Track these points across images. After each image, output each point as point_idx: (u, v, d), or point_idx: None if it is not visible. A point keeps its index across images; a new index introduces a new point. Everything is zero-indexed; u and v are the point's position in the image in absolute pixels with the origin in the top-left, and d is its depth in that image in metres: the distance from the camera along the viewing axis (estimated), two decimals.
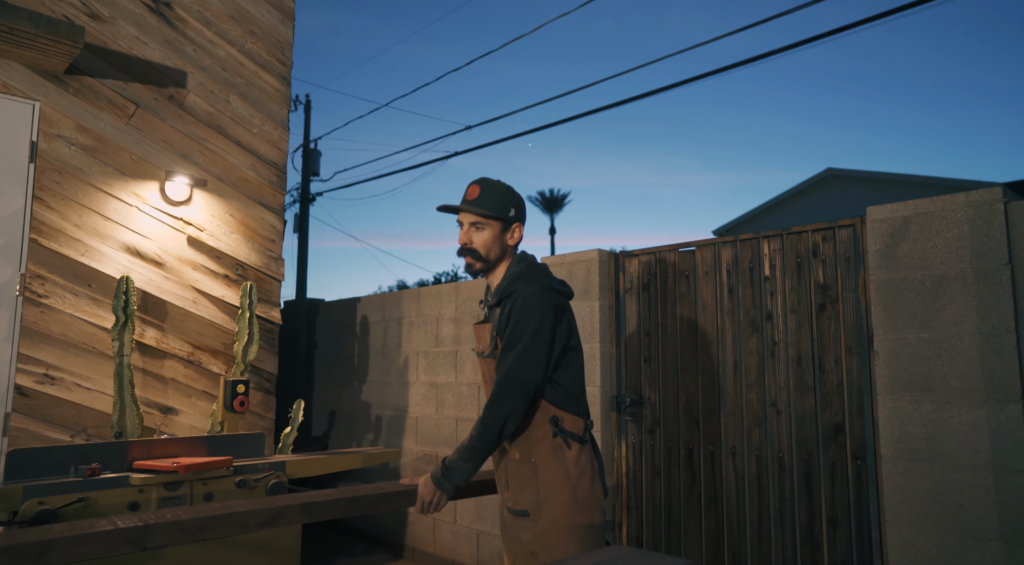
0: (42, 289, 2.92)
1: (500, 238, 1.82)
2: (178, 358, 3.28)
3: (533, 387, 1.68)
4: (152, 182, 3.25)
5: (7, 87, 2.86)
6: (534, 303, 1.71)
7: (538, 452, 1.73)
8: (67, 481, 2.36)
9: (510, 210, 1.84)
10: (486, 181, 1.87)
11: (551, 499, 1.70)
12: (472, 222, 1.83)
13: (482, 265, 1.83)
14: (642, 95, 6.74)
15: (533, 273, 1.80)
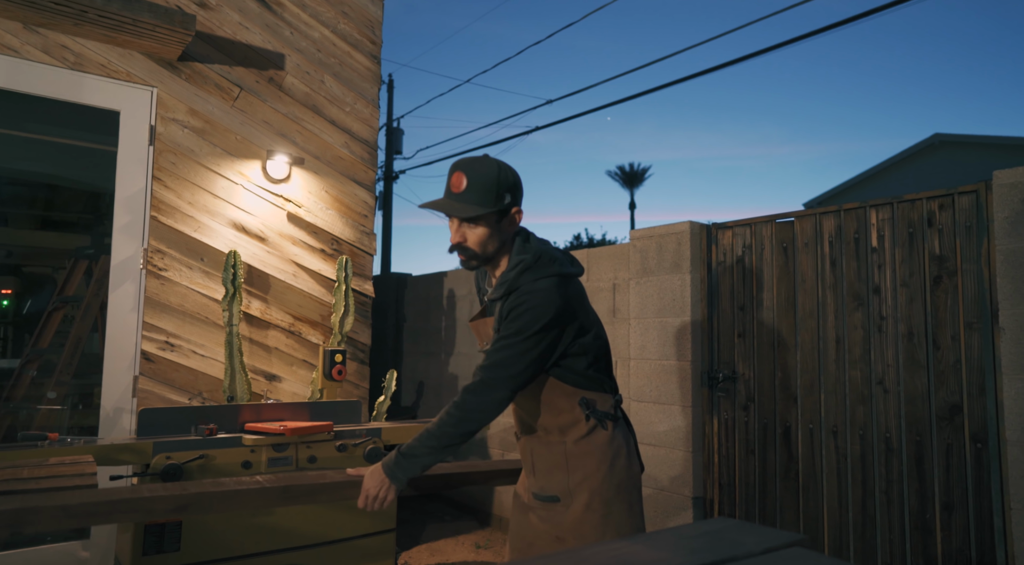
0: (162, 262, 3.15)
1: (497, 230, 1.60)
2: (280, 328, 3.47)
3: (523, 380, 1.53)
4: (255, 161, 3.42)
5: (130, 75, 3.06)
6: (543, 300, 1.52)
7: (570, 435, 1.60)
8: (190, 439, 2.56)
9: (504, 197, 1.58)
10: (471, 165, 1.58)
11: (584, 483, 1.57)
12: (463, 219, 1.59)
13: (478, 262, 1.64)
14: (725, 64, 6.47)
15: (542, 262, 1.58)
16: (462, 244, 1.61)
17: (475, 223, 1.58)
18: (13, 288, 4.49)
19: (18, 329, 4.55)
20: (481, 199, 1.55)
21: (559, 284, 1.55)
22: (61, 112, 3.21)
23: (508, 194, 1.59)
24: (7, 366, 4.27)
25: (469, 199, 1.55)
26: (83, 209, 4.78)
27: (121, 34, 2.88)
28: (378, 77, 3.85)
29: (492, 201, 1.56)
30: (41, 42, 2.88)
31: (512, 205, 1.60)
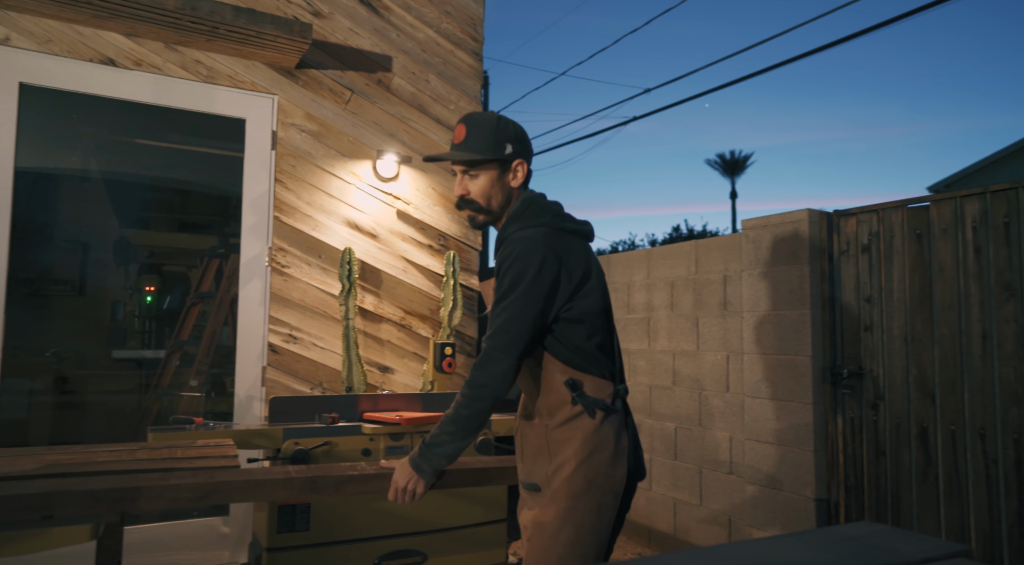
0: (284, 260, 3.34)
1: (500, 183, 1.56)
2: (392, 322, 3.60)
3: (524, 343, 1.44)
4: (366, 161, 3.56)
5: (254, 85, 3.27)
6: (528, 247, 1.45)
7: (555, 418, 1.49)
8: (315, 427, 2.71)
9: (505, 146, 1.55)
10: (472, 117, 1.59)
11: (558, 473, 1.46)
12: (464, 169, 1.58)
13: (485, 217, 1.59)
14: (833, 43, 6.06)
15: (531, 211, 1.53)
16: (465, 197, 1.58)
17: (476, 173, 1.56)
18: (155, 285, 4.92)
19: (159, 323, 4.99)
20: (480, 147, 1.53)
21: (547, 234, 1.48)
22: (193, 122, 3.48)
23: (509, 144, 1.55)
24: (153, 356, 4.70)
25: (469, 147, 1.55)
26: (212, 212, 5.18)
27: (246, 46, 3.08)
28: (480, 74, 3.90)
29: (491, 149, 1.53)
30: (179, 59, 3.12)
31: (515, 157, 1.56)
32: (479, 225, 1.62)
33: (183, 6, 2.74)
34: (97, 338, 4.80)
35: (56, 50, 2.90)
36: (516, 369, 1.46)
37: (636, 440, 1.56)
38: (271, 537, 2.55)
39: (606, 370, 1.51)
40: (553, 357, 1.50)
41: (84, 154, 4.26)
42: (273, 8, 3.32)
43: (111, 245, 4.94)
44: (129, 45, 3.03)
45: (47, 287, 4.74)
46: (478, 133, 1.55)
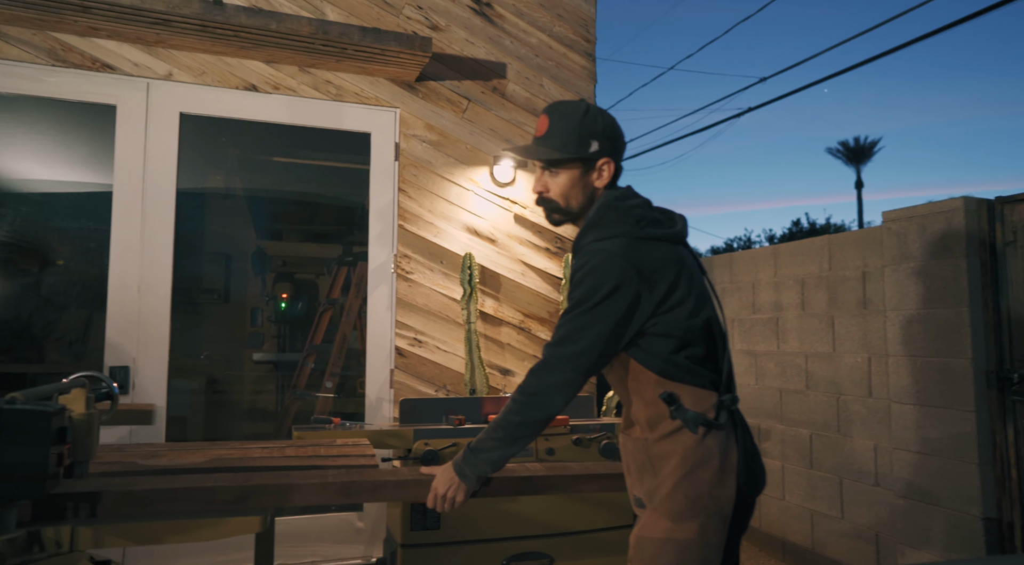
0: (408, 266, 3.47)
1: (582, 182, 1.44)
2: (512, 325, 3.64)
3: (592, 360, 1.35)
4: (483, 167, 3.63)
5: (378, 100, 3.43)
6: (603, 262, 1.33)
7: (654, 431, 1.39)
8: (443, 428, 2.80)
9: (590, 143, 1.42)
10: (556, 108, 1.46)
11: (659, 490, 1.37)
12: (545, 165, 1.47)
13: (562, 216, 1.49)
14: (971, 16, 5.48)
15: (608, 220, 1.39)
16: (543, 195, 1.48)
17: (556, 171, 1.44)
18: (288, 293, 5.27)
19: (292, 327, 5.35)
20: (562, 143, 1.42)
21: (627, 246, 1.35)
22: (323, 138, 3.69)
23: (595, 141, 1.42)
24: (287, 359, 5.03)
25: (550, 143, 1.43)
26: (338, 222, 5.48)
27: (371, 64, 3.23)
28: (593, 75, 3.87)
29: (573, 146, 1.41)
30: (311, 80, 3.33)
31: (601, 155, 1.43)
32: (555, 223, 1.53)
33: (316, 31, 2.91)
34: (239, 342, 5.20)
35: (208, 81, 3.17)
36: (577, 384, 1.37)
37: (749, 453, 1.42)
38: (405, 534, 2.65)
39: (707, 380, 1.39)
40: (644, 368, 1.40)
41: (229, 173, 4.63)
42: (393, 25, 3.47)
43: (249, 256, 5.35)
44: (269, 71, 3.26)
45: (197, 296, 5.20)
46: (562, 127, 1.43)
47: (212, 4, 2.79)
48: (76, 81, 3.02)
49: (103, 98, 3.06)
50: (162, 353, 3.12)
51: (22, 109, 3.38)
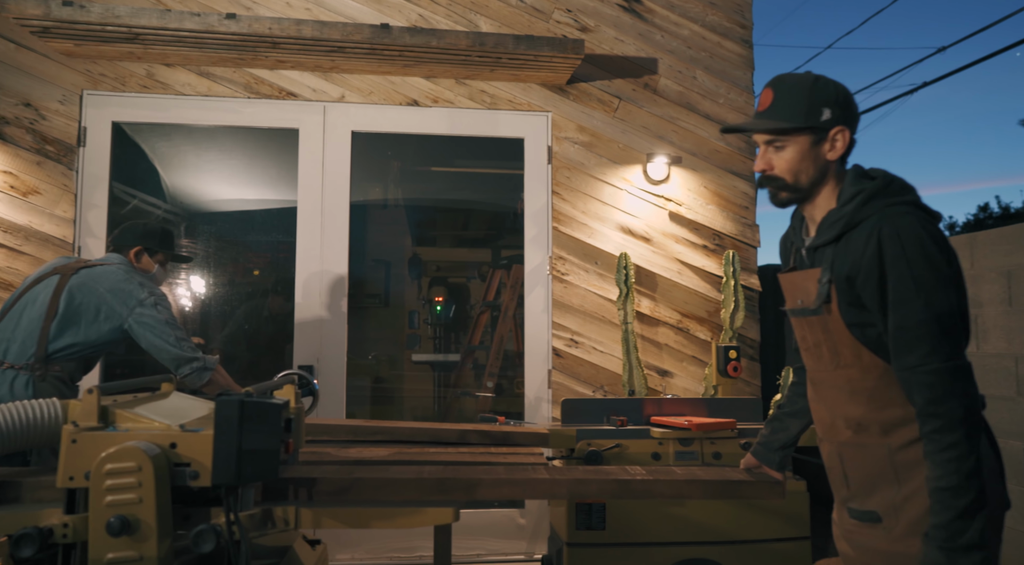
0: (563, 268, 3.51)
1: (812, 154, 1.32)
2: (669, 325, 3.56)
3: (965, 343, 1.19)
4: (636, 166, 3.58)
5: (530, 105, 3.51)
6: (924, 232, 1.19)
7: (896, 436, 1.25)
8: (605, 428, 2.79)
9: (822, 111, 1.29)
10: (781, 80, 1.34)
11: (911, 503, 1.22)
12: (767, 140, 1.34)
13: (789, 195, 1.35)
14: None
15: (893, 188, 1.26)
16: (767, 173, 1.35)
17: (783, 144, 1.32)
18: (442, 296, 5.52)
19: (446, 329, 5.59)
20: (789, 113, 1.30)
21: (931, 217, 1.24)
22: (476, 146, 3.84)
23: (827, 109, 1.30)
24: (443, 360, 5.27)
25: (775, 115, 1.32)
26: (489, 227, 5.66)
27: (524, 70, 3.31)
28: (750, 62, 3.69)
29: (803, 114, 1.29)
30: (467, 91, 3.47)
31: (834, 124, 1.30)
32: (781, 203, 1.38)
33: (473, 43, 3.03)
34: (399, 343, 5.53)
35: (375, 99, 3.41)
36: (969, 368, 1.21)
37: (1000, 461, 1.30)
38: (571, 533, 2.67)
39: None
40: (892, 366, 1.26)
41: (390, 184, 4.95)
42: (544, 31, 3.52)
43: (406, 262, 5.68)
44: (428, 86, 3.45)
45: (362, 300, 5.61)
46: (789, 97, 1.32)
47: (380, 28, 3.00)
48: (267, 109, 3.38)
49: (288, 123, 3.39)
50: (341, 353, 3.40)
51: (220, 139, 3.83)
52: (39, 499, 1.44)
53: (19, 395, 2.15)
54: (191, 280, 4.33)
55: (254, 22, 2.93)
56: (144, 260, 2.48)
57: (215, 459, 1.24)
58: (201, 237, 4.36)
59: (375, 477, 1.50)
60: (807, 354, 1.42)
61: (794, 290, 1.41)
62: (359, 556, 3.29)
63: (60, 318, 2.22)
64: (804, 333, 1.40)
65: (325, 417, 3.25)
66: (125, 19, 2.84)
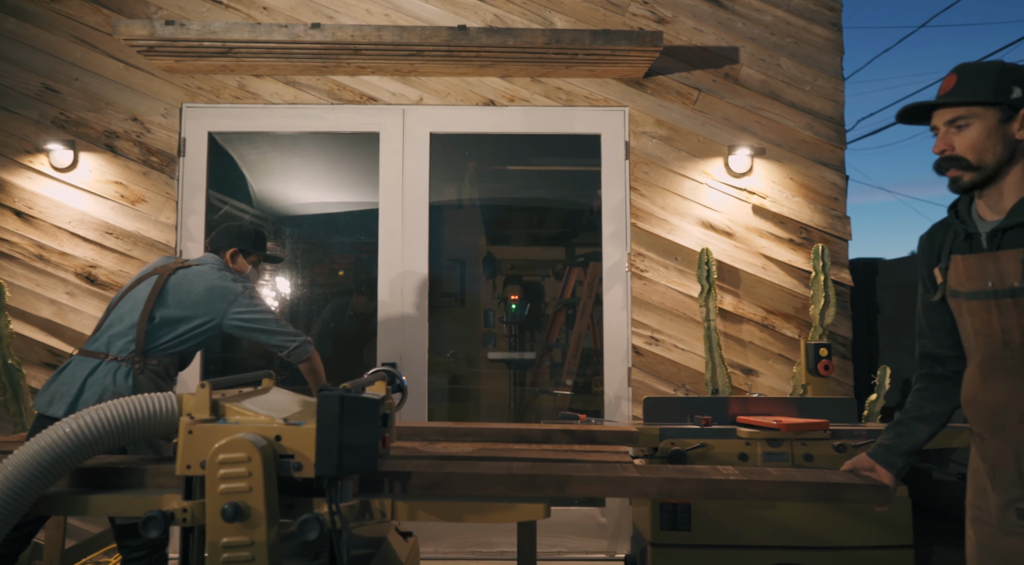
0: (642, 265, 3.46)
1: (999, 132, 1.29)
2: (753, 322, 3.45)
3: None
4: (716, 159, 3.49)
5: (607, 101, 3.47)
6: None
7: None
8: (689, 428, 2.73)
9: (1012, 89, 1.28)
10: (966, 65, 1.34)
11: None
12: (949, 120, 1.32)
13: (973, 176, 1.32)
14: None
15: None
16: (947, 154, 1.33)
17: (966, 122, 1.30)
18: (518, 294, 5.55)
19: (521, 328, 5.62)
20: (974, 91, 1.29)
21: None
22: (551, 144, 3.83)
23: (1018, 87, 1.28)
24: (518, 358, 5.30)
25: (959, 94, 1.31)
26: (563, 225, 5.65)
27: (600, 66, 3.28)
28: (839, 46, 3.52)
29: (990, 91, 1.28)
30: (543, 89, 3.48)
31: None
32: (963, 188, 1.37)
33: (549, 41, 3.03)
34: (474, 342, 5.60)
35: (452, 101, 3.47)
36: None
37: None
38: (655, 533, 2.63)
39: None
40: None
41: (466, 184, 5.02)
42: (620, 24, 3.48)
43: (480, 261, 5.74)
44: (504, 85, 3.47)
45: (438, 299, 5.71)
46: (974, 77, 1.33)
47: (457, 30, 3.04)
48: (349, 115, 3.49)
49: (369, 127, 3.50)
50: (422, 351, 3.47)
51: (303, 145, 3.99)
52: (158, 485, 1.54)
53: (120, 386, 2.27)
54: (278, 281, 4.53)
55: (337, 30, 3.03)
56: (239, 261, 2.59)
57: (318, 451, 1.29)
58: (287, 240, 4.55)
59: (466, 472, 1.53)
60: (986, 340, 1.37)
61: (982, 273, 1.36)
62: (442, 549, 3.35)
63: (157, 315, 2.34)
64: (989, 317, 1.35)
65: (407, 413, 3.33)
66: (220, 34, 3.00)
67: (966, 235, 1.42)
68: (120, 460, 1.73)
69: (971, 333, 1.41)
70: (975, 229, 1.40)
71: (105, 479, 1.55)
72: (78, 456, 1.40)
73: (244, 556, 1.30)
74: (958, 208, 1.48)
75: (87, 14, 3.45)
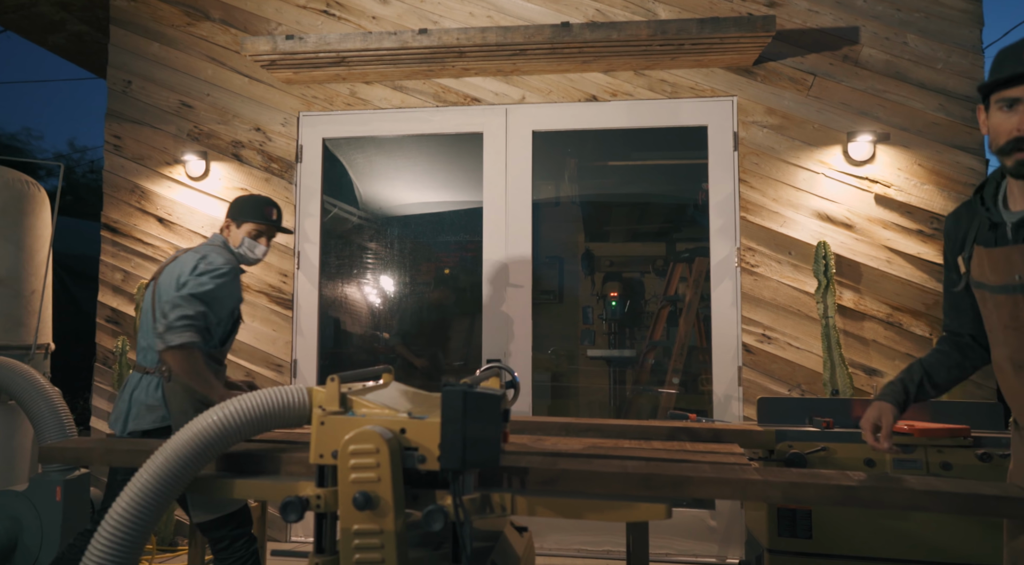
0: (753, 259, 3.32)
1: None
2: (877, 319, 3.23)
3: None
4: (834, 147, 3.29)
5: (713, 91, 3.36)
6: None
7: None
8: (809, 430, 2.60)
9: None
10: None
11: None
12: None
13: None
14: None
15: None
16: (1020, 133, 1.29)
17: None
18: (617, 291, 5.48)
19: (620, 325, 5.54)
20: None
21: None
22: (654, 138, 3.75)
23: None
24: (618, 355, 5.23)
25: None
26: (664, 220, 5.53)
27: (707, 55, 3.17)
28: (979, 17, 3.22)
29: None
30: (646, 82, 3.41)
31: None
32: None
33: (654, 33, 2.97)
34: (573, 339, 5.58)
35: (554, 98, 3.47)
36: None
37: None
38: (772, 539, 2.52)
39: None
40: None
41: (566, 181, 5.01)
42: (727, 11, 3.35)
43: (578, 258, 5.71)
44: (606, 80, 3.44)
45: (537, 297, 5.75)
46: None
47: (560, 27, 3.04)
48: (453, 116, 3.57)
49: (473, 128, 3.56)
50: (526, 347, 3.50)
51: (407, 147, 4.12)
52: (291, 472, 1.64)
53: (151, 399, 2.21)
54: (382, 279, 4.72)
55: (443, 34, 3.11)
56: (233, 233, 2.38)
57: (442, 445, 1.33)
58: (395, 240, 4.73)
59: (580, 469, 1.53)
60: (1015, 334, 1.39)
61: (1008, 266, 1.38)
62: (547, 546, 3.37)
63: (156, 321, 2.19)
64: (1017, 312, 1.38)
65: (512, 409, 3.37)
66: (334, 45, 3.16)
67: (991, 224, 1.41)
68: (255, 448, 1.86)
69: (998, 325, 1.42)
70: (1000, 219, 1.39)
71: (246, 465, 1.66)
72: (224, 443, 1.51)
73: (374, 543, 1.36)
74: (983, 193, 1.46)
75: (217, 34, 3.73)
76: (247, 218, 2.37)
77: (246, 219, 2.37)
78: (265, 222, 2.39)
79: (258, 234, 2.39)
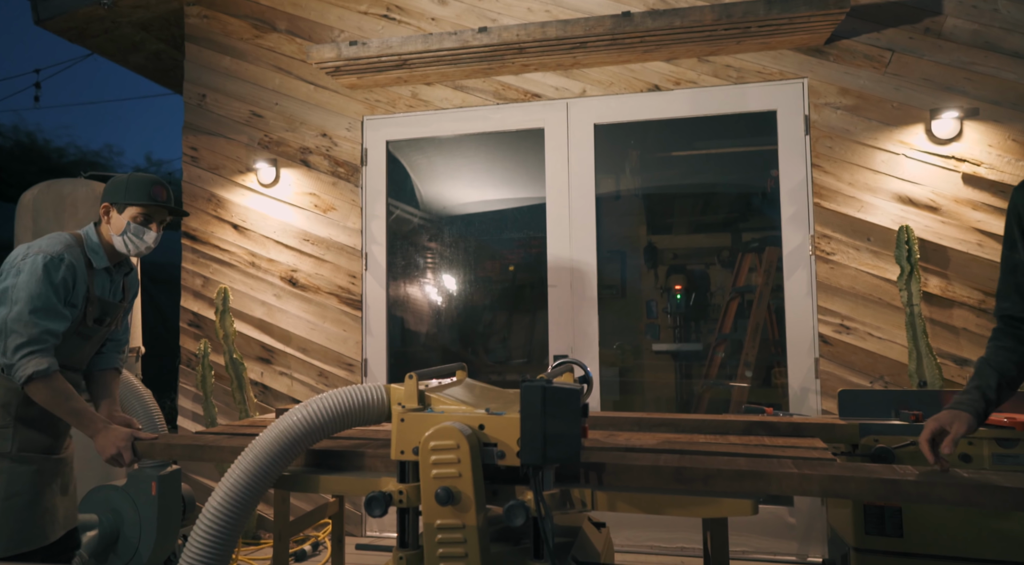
0: (828, 247, 3.19)
1: None
2: (967, 306, 3.05)
3: None
4: (916, 125, 3.12)
5: (782, 74, 3.24)
6: None
7: None
8: (895, 424, 2.48)
9: None
10: None
11: None
12: None
13: None
14: None
15: None
16: None
17: None
18: (682, 284, 5.37)
19: (686, 318, 5.42)
20: None
21: None
22: (720, 125, 3.64)
23: None
24: (685, 349, 5.12)
25: None
26: (729, 210, 5.37)
27: (775, 37, 3.06)
28: None
29: None
30: (711, 69, 3.32)
31: None
32: None
33: (719, 17, 2.89)
34: (638, 333, 5.50)
35: (615, 90, 3.42)
36: None
37: None
38: (858, 537, 2.42)
39: None
40: None
41: (628, 173, 4.94)
42: None
43: (641, 251, 5.62)
44: (668, 68, 3.36)
45: (600, 291, 5.70)
46: None
47: (621, 17, 2.99)
48: (513, 113, 3.57)
49: (534, 123, 3.55)
50: (593, 342, 3.47)
51: (466, 146, 4.14)
52: (373, 468, 1.68)
53: None
54: (445, 278, 4.77)
55: (503, 31, 3.11)
56: (114, 218, 2.00)
57: (522, 440, 1.33)
58: (458, 239, 4.77)
59: (662, 465, 1.50)
60: None
61: None
62: (619, 542, 3.34)
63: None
64: None
65: None
66: (396, 48, 3.21)
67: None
68: (336, 446, 1.91)
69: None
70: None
71: (330, 461, 1.71)
72: (309, 439, 1.56)
73: (456, 537, 1.37)
74: None
75: (284, 44, 3.85)
76: (131, 199, 1.97)
77: (130, 201, 1.97)
78: (154, 203, 1.98)
79: (146, 219, 1.99)
